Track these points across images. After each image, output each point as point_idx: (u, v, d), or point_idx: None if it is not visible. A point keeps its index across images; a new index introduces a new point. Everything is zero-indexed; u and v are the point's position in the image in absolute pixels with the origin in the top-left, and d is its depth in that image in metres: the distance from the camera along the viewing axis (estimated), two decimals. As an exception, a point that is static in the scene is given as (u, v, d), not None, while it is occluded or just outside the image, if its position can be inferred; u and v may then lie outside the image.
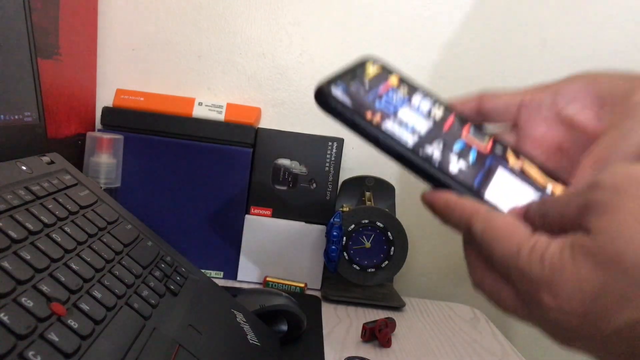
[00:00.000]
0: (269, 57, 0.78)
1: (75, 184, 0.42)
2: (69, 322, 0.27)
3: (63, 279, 0.29)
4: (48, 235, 0.32)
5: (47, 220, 0.33)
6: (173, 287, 0.41)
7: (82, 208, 0.39)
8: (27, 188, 0.35)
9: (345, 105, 0.25)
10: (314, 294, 0.70)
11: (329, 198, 0.73)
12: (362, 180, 0.75)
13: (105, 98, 0.75)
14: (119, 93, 0.73)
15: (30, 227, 0.31)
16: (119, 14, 0.76)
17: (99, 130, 0.71)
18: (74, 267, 0.32)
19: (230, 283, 0.71)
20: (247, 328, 0.44)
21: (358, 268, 0.69)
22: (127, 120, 0.71)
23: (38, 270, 0.29)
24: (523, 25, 0.78)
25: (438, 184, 0.26)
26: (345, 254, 0.68)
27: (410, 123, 0.27)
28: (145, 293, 0.36)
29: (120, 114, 0.71)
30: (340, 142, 0.72)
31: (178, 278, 0.43)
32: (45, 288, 0.28)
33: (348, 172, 0.77)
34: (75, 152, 0.67)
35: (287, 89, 0.79)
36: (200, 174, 0.71)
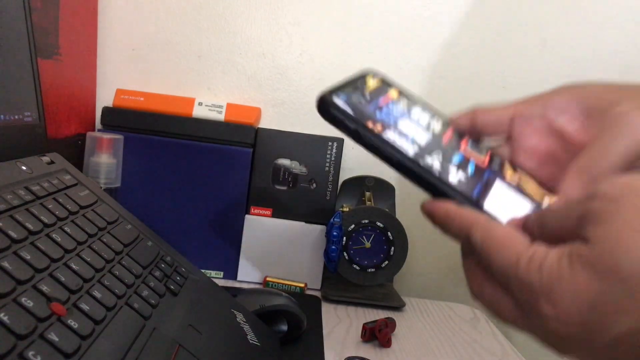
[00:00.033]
0: (269, 57, 0.78)
1: (75, 184, 0.42)
2: (69, 322, 0.27)
3: (63, 279, 0.29)
4: (48, 235, 0.32)
5: (47, 220, 0.33)
6: (173, 287, 0.41)
7: (82, 208, 0.39)
8: (27, 188, 0.35)
9: (347, 114, 0.26)
10: (314, 294, 0.70)
11: (329, 198, 0.73)
12: (362, 180, 0.75)
13: (105, 98, 0.75)
14: (119, 93, 0.73)
15: (30, 227, 0.31)
16: (119, 14, 0.76)
17: (99, 130, 0.71)
18: (74, 267, 0.32)
19: (230, 283, 0.71)
20: (247, 328, 0.44)
21: (358, 268, 0.69)
22: (127, 120, 0.71)
23: (38, 270, 0.29)
24: (523, 25, 0.78)
25: (438, 194, 0.26)
26: (345, 254, 0.68)
27: (410, 134, 0.27)
28: (145, 293, 0.36)
29: (120, 114, 0.71)
30: (340, 142, 0.72)
31: (178, 278, 0.43)
32: (45, 288, 0.28)
33: (348, 172, 0.77)
34: (75, 152, 0.67)
35: (287, 89, 0.79)
36: (200, 174, 0.71)
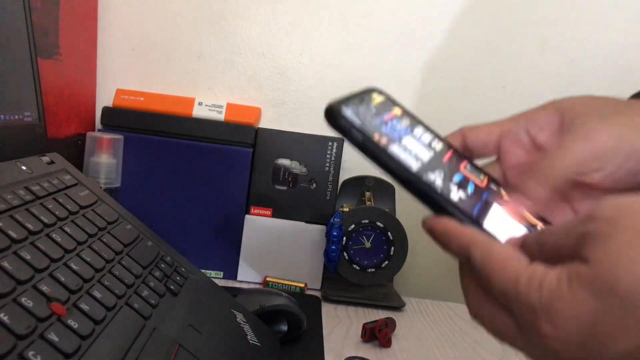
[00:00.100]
0: (269, 57, 0.78)
1: (75, 184, 0.42)
2: (69, 322, 0.27)
3: (63, 279, 0.29)
4: (48, 235, 0.32)
5: (47, 220, 0.33)
6: (173, 287, 0.41)
7: (82, 208, 0.39)
8: (27, 188, 0.35)
9: (355, 125, 0.26)
10: (314, 294, 0.70)
11: (329, 198, 0.73)
12: (362, 180, 0.75)
13: (105, 98, 0.75)
14: (119, 93, 0.73)
15: (30, 227, 0.31)
16: (119, 14, 0.76)
17: (99, 130, 0.71)
18: (74, 267, 0.32)
19: (230, 283, 0.71)
20: (247, 328, 0.44)
21: (358, 268, 0.69)
22: (127, 120, 0.71)
23: (38, 270, 0.29)
24: (523, 25, 0.78)
25: (439, 210, 0.27)
26: (345, 254, 0.68)
27: (414, 150, 0.28)
28: (145, 293, 0.36)
29: (120, 114, 0.71)
30: (340, 142, 0.72)
31: (178, 278, 0.43)
32: (45, 288, 0.28)
33: (348, 172, 0.77)
34: (75, 152, 0.67)
35: (287, 89, 0.79)
36: (200, 174, 0.71)
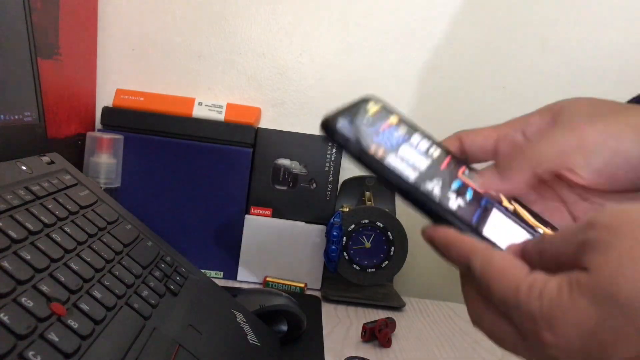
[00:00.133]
0: (269, 57, 0.78)
1: (75, 184, 0.42)
2: (69, 322, 0.27)
3: (63, 279, 0.29)
4: (48, 235, 0.32)
5: (47, 220, 0.33)
6: (173, 287, 0.41)
7: (82, 208, 0.39)
8: (27, 188, 0.35)
9: (351, 137, 0.27)
10: (314, 294, 0.70)
11: (329, 198, 0.73)
12: (362, 180, 0.75)
13: (105, 98, 0.75)
14: (119, 93, 0.73)
15: (30, 227, 0.31)
16: (119, 14, 0.76)
17: (99, 130, 0.71)
18: (74, 267, 0.32)
19: (230, 283, 0.71)
20: (247, 328, 0.44)
21: (358, 268, 0.69)
22: (127, 120, 0.71)
23: (38, 270, 0.29)
24: (523, 25, 0.78)
25: (437, 219, 0.27)
26: (345, 254, 0.68)
27: (411, 160, 0.28)
28: (145, 293, 0.36)
29: (120, 114, 0.71)
30: (340, 142, 0.72)
31: (178, 278, 0.43)
32: (45, 288, 0.28)
33: (348, 172, 0.77)
34: (75, 152, 0.67)
35: (287, 89, 0.79)
36: (200, 174, 0.71)
